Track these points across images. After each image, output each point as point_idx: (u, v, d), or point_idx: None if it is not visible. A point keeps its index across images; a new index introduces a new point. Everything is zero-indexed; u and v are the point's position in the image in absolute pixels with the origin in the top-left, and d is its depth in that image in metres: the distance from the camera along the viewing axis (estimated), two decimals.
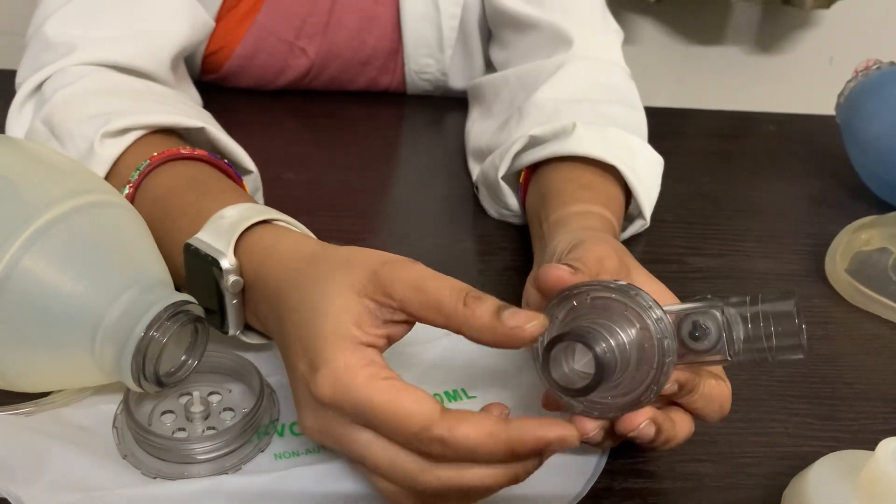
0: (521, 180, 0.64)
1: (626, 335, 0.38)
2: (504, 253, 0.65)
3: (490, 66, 0.86)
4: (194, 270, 0.45)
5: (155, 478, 0.42)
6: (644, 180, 0.61)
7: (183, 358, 0.44)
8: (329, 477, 0.43)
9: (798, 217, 0.75)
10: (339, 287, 0.39)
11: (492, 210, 0.69)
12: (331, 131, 0.83)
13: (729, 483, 0.46)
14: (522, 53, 0.77)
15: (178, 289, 0.45)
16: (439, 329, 0.40)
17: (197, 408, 0.45)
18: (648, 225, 0.63)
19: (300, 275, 0.41)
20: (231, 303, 0.45)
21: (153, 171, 0.51)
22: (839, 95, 0.82)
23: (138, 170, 0.51)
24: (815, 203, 0.78)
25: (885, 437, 0.50)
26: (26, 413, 0.44)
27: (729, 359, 0.39)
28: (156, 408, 0.46)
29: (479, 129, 0.77)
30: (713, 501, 0.44)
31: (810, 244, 0.69)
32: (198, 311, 0.43)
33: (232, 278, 0.44)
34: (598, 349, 0.37)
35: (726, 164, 0.84)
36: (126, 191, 0.50)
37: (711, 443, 0.48)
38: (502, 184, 0.65)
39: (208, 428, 0.45)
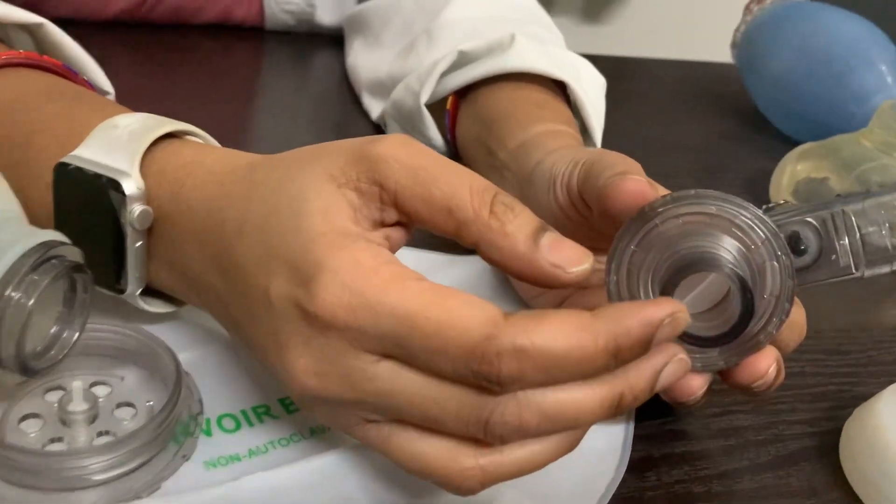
0: (448, 107, 0.53)
1: (743, 258, 0.29)
2: None
3: None
4: (73, 202, 0.31)
5: None
6: (592, 100, 0.53)
7: (55, 329, 0.29)
8: (289, 488, 0.30)
9: (722, 153, 0.71)
10: (314, 179, 0.27)
11: None
12: (177, 68, 0.68)
13: (773, 435, 0.38)
14: None
15: None
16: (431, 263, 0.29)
17: (78, 405, 0.30)
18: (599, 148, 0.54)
19: (247, 183, 0.29)
20: (134, 246, 0.31)
21: None
22: (735, 32, 0.79)
23: None
24: (730, 140, 0.73)
25: (895, 367, 0.45)
26: None
27: (855, 272, 0.31)
28: (8, 413, 0.30)
29: (368, 60, 0.65)
30: (767, 458, 0.36)
31: (745, 177, 0.65)
32: (74, 255, 0.29)
33: (139, 208, 0.30)
34: (739, 276, 0.28)
35: (629, 104, 0.78)
36: None
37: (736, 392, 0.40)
38: (424, 112, 0.53)
39: (99, 434, 0.30)
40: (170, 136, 0.33)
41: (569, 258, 0.27)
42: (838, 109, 0.69)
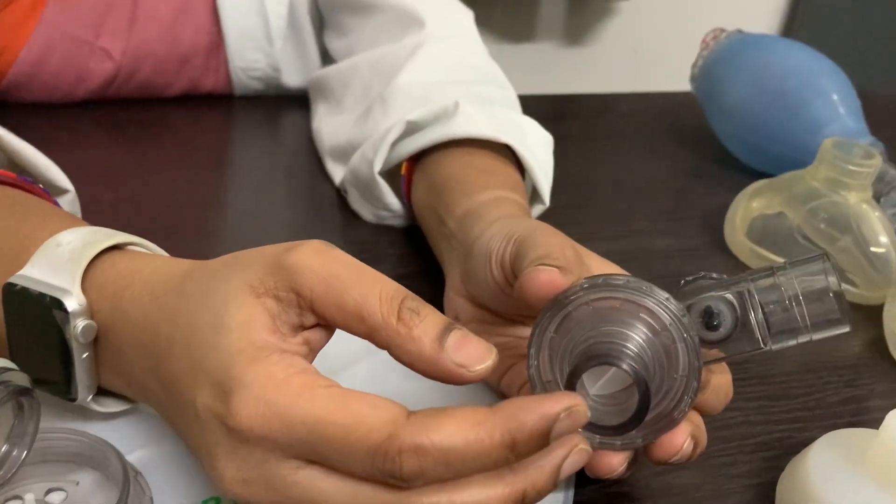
0: (402, 172, 0.55)
1: (650, 343, 0.31)
2: (389, 260, 0.56)
3: (327, 58, 0.77)
4: (22, 319, 0.33)
5: None
6: (540, 160, 0.55)
7: (4, 448, 0.31)
8: None
9: (680, 192, 0.72)
10: (234, 291, 0.29)
11: (367, 213, 0.59)
12: (148, 142, 0.70)
13: (713, 490, 0.39)
14: (367, 38, 0.68)
15: None
16: (355, 349, 0.33)
17: None
18: (547, 207, 0.56)
19: (177, 296, 0.31)
20: (81, 357, 0.33)
21: None
22: (692, 66, 0.81)
23: None
24: (691, 177, 0.75)
25: (843, 408, 0.46)
26: None
27: (763, 346, 0.32)
28: None
29: (331, 125, 0.67)
30: None
31: (701, 217, 0.66)
32: (20, 380, 0.31)
33: (82, 323, 0.32)
34: (636, 371, 0.29)
35: (592, 146, 0.80)
36: None
37: None
38: (379, 180, 0.55)
39: None
40: (113, 247, 0.35)
41: (472, 357, 0.28)
42: (794, 140, 0.71)
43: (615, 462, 0.33)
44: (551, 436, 0.27)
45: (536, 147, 0.55)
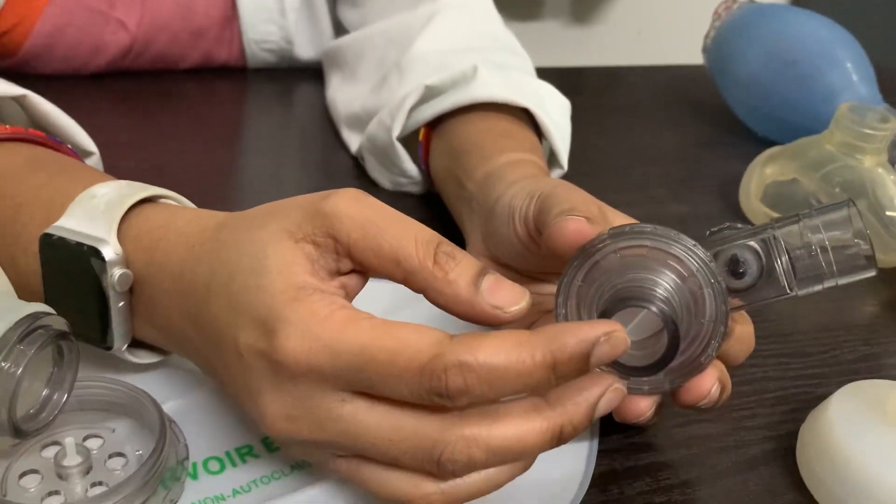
0: (420, 138, 0.55)
1: (678, 288, 0.31)
2: None
3: (340, 30, 0.77)
4: (58, 269, 0.34)
5: None
6: (557, 124, 0.55)
7: (45, 393, 0.32)
8: None
9: (694, 160, 0.73)
10: (273, 237, 0.30)
11: (385, 180, 0.60)
12: (165, 113, 0.70)
13: (734, 441, 0.40)
14: (380, 9, 0.69)
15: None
16: (385, 299, 0.34)
17: (72, 460, 0.33)
18: (566, 171, 0.57)
19: (213, 244, 0.32)
20: (117, 306, 0.33)
21: None
22: (705, 38, 0.81)
23: None
24: (704, 146, 0.75)
25: (859, 365, 0.47)
26: None
27: (789, 292, 0.32)
28: (10, 469, 0.33)
29: (346, 95, 0.67)
30: (727, 464, 0.38)
31: (716, 184, 0.66)
32: (60, 324, 0.31)
33: (118, 272, 0.33)
34: (665, 312, 0.30)
35: (606, 117, 0.80)
36: None
37: None
38: (398, 146, 0.56)
39: (93, 485, 0.33)
40: (146, 200, 0.36)
41: (507, 299, 0.29)
42: (807, 110, 0.71)
43: (643, 406, 0.34)
44: (591, 361, 0.27)
45: (554, 111, 0.56)
